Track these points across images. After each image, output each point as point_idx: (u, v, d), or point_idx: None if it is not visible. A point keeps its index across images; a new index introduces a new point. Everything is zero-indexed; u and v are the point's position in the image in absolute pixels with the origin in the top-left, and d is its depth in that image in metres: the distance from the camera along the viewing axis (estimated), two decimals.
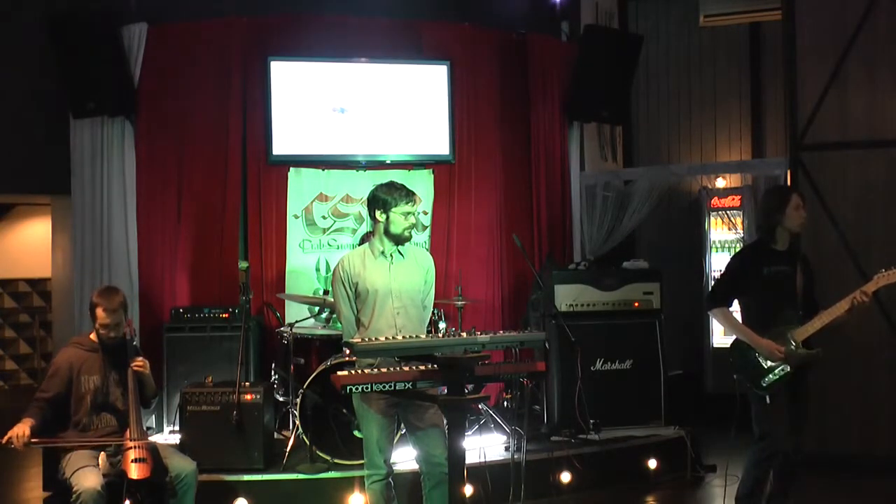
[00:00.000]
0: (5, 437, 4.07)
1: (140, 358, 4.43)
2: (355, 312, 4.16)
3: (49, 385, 4.34)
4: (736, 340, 4.44)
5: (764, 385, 4.28)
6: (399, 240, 4.14)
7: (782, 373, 4.27)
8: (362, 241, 5.91)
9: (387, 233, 4.13)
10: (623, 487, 5.75)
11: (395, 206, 4.08)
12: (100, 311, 4.36)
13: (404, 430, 4.31)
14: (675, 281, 6.83)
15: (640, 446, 5.94)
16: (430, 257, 4.40)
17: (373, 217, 4.17)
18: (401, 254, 4.18)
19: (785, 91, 6.53)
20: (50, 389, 4.33)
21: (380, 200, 4.12)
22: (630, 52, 7.41)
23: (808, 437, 4.95)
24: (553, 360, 6.11)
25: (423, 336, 3.84)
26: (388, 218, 4.10)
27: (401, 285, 4.13)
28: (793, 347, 4.26)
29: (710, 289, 4.58)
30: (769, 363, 4.28)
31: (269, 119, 6.67)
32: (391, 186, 4.15)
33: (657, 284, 6.46)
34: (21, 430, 4.08)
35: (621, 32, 8.46)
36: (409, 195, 4.13)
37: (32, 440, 4.11)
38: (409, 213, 4.11)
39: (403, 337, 3.74)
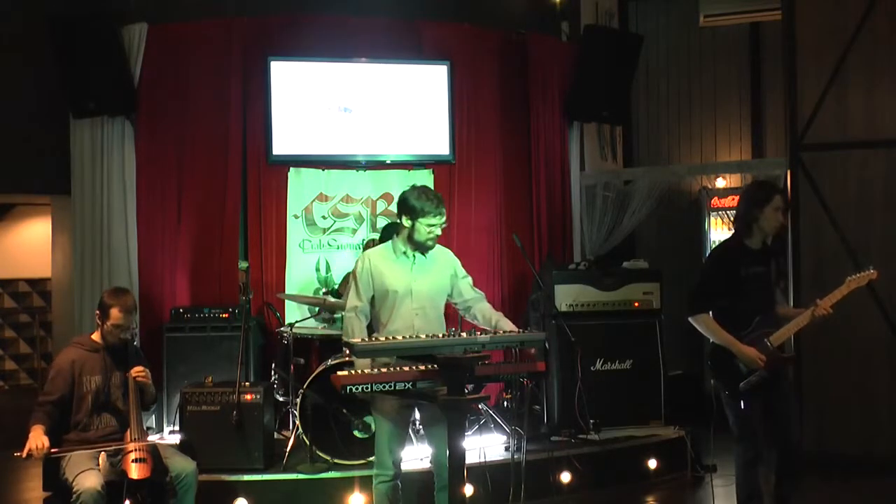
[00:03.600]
0: (24, 451, 4.04)
1: (140, 367, 4.41)
2: (368, 303, 4.12)
3: (53, 387, 4.32)
4: (714, 345, 4.35)
5: (741, 389, 4.24)
6: (421, 248, 4.12)
7: (758, 378, 4.22)
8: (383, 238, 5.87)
9: (409, 238, 4.12)
10: (623, 487, 5.75)
11: (422, 217, 4.04)
12: (115, 311, 4.34)
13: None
14: (675, 281, 6.83)
15: (640, 446, 5.95)
16: (451, 253, 4.35)
17: (399, 218, 4.16)
18: (423, 254, 4.17)
19: (785, 91, 6.52)
20: (55, 392, 4.31)
21: (409, 207, 4.08)
22: (630, 52, 7.41)
23: (808, 437, 4.96)
24: (553, 360, 6.10)
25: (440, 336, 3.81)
26: (413, 226, 4.08)
27: (421, 286, 4.12)
28: (770, 351, 4.22)
29: (690, 294, 4.39)
30: (746, 368, 4.24)
31: (269, 119, 6.67)
32: (424, 195, 4.08)
33: (657, 284, 6.45)
34: (40, 441, 4.06)
35: (621, 32, 8.46)
36: (437, 208, 4.05)
37: (52, 450, 4.10)
38: (434, 226, 4.07)
39: (403, 337, 3.74)
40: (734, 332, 4.26)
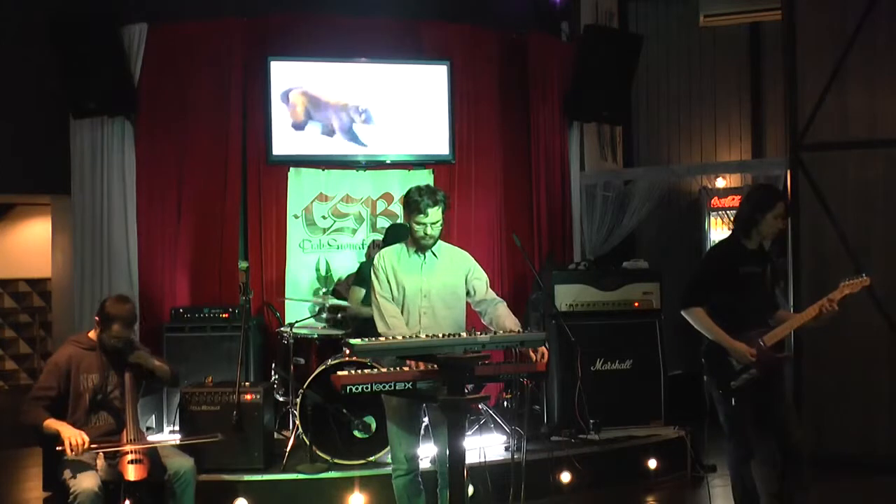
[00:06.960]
0: (67, 447, 4.03)
1: (137, 351, 4.44)
2: (392, 299, 4.11)
3: (50, 382, 4.30)
4: (709, 343, 4.38)
5: (732, 387, 4.24)
6: (418, 244, 4.13)
7: (750, 376, 4.23)
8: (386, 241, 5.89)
9: (412, 236, 4.13)
10: (623, 487, 5.75)
11: (412, 214, 4.06)
12: (116, 327, 4.34)
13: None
14: (675, 281, 6.83)
15: (640, 446, 5.95)
16: (467, 255, 4.32)
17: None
18: (434, 254, 4.16)
19: (785, 91, 6.52)
20: (53, 387, 4.29)
21: (404, 204, 4.13)
22: (630, 52, 7.41)
23: (808, 437, 4.94)
24: (553, 360, 6.10)
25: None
26: (409, 224, 4.10)
27: (431, 286, 4.12)
28: (763, 350, 4.23)
29: (685, 288, 4.42)
30: (739, 366, 4.25)
31: (269, 119, 6.67)
32: (417, 193, 4.06)
33: (657, 284, 6.46)
34: (79, 436, 4.06)
35: (621, 32, 8.46)
36: (425, 207, 4.02)
37: (91, 445, 4.11)
38: (422, 224, 4.05)
39: (403, 337, 3.73)
40: (732, 331, 4.26)
